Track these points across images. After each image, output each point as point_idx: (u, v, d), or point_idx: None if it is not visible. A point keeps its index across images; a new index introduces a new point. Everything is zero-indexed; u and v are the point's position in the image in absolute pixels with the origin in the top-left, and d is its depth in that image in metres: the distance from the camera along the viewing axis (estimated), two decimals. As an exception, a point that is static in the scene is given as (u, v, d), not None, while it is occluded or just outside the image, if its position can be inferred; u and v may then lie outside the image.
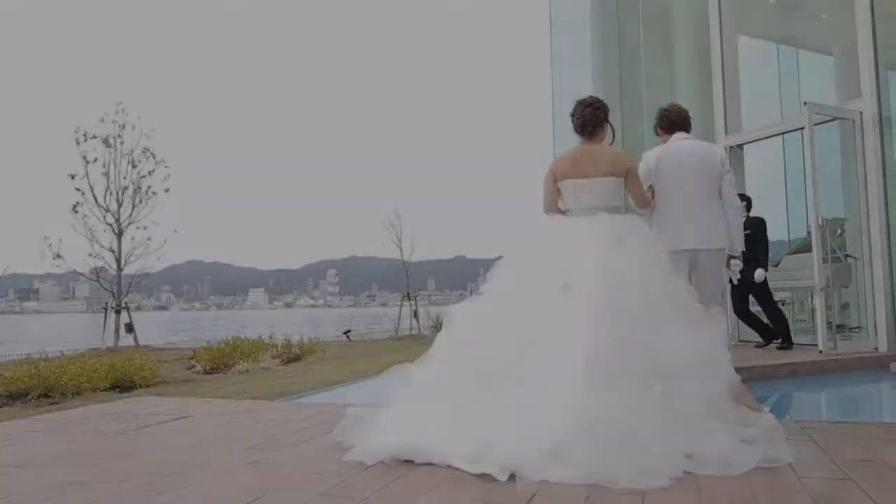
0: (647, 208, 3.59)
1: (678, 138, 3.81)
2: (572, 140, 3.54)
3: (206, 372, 8.01)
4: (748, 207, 7.15)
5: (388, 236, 16.80)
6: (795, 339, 7.00)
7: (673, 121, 3.86)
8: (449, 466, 2.30)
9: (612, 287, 2.76)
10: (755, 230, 7.02)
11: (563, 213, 3.34)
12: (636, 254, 2.94)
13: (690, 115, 4.02)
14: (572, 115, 3.40)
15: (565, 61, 11.24)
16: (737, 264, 3.94)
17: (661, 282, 2.91)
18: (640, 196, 3.43)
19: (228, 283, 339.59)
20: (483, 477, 2.16)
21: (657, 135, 4.00)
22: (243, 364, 8.01)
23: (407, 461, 2.35)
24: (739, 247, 3.81)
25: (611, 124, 3.42)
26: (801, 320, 9.70)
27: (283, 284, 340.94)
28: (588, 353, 2.54)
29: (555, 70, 11.03)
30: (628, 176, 3.30)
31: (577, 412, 2.34)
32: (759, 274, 6.85)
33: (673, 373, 2.58)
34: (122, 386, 6.68)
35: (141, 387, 6.69)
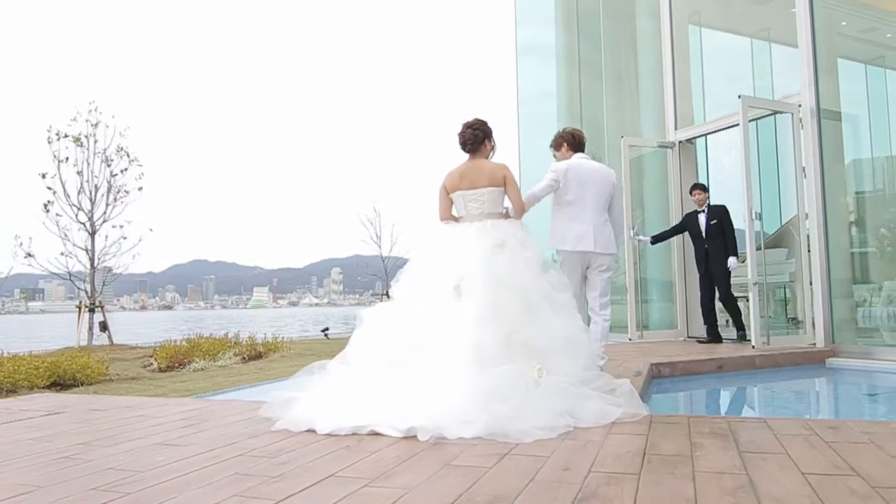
0: (523, 214, 3.91)
1: (580, 157, 4.37)
2: (537, 133, 3.85)
3: (160, 370, 8.03)
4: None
5: (366, 233, 16.82)
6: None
7: (581, 143, 4.45)
8: (375, 433, 2.67)
9: (495, 286, 3.26)
10: (721, 218, 6.83)
11: (456, 219, 3.79)
12: (514, 256, 3.44)
13: (653, 108, 4.55)
14: (458, 135, 3.82)
15: (531, 56, 11.20)
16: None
17: (534, 278, 3.42)
18: (517, 202, 3.82)
19: (233, 282, 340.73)
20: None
21: (556, 149, 4.50)
22: (199, 362, 8.02)
23: (330, 434, 2.70)
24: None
25: (493, 141, 3.87)
26: (767, 317, 9.60)
27: (287, 283, 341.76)
28: (476, 343, 3.02)
29: (520, 64, 10.99)
30: (506, 184, 3.72)
31: (472, 392, 2.79)
32: (732, 262, 6.72)
33: (547, 353, 3.13)
34: (63, 384, 6.73)
35: (84, 384, 6.74)
